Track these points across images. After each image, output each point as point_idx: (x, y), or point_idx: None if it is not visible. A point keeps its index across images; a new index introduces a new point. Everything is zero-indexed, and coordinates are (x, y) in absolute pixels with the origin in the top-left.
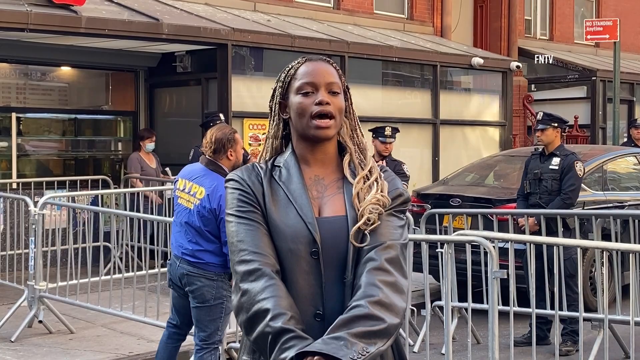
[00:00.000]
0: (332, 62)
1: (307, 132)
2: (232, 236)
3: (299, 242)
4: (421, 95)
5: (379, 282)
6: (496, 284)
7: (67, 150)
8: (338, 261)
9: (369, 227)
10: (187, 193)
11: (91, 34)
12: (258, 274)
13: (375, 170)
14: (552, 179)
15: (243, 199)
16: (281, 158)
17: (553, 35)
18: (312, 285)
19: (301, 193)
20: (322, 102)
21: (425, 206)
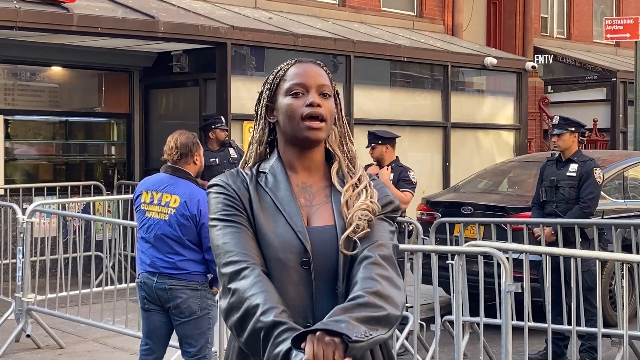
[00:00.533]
0: (322, 64)
1: (297, 134)
2: (216, 240)
3: (289, 251)
4: (431, 97)
5: (376, 275)
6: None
7: (58, 154)
8: (329, 272)
9: (358, 234)
10: (157, 205)
11: (83, 33)
12: (246, 272)
13: (364, 178)
14: (569, 186)
15: (228, 203)
16: (266, 164)
17: (571, 34)
18: (302, 297)
19: (289, 201)
20: (314, 103)
21: (435, 215)
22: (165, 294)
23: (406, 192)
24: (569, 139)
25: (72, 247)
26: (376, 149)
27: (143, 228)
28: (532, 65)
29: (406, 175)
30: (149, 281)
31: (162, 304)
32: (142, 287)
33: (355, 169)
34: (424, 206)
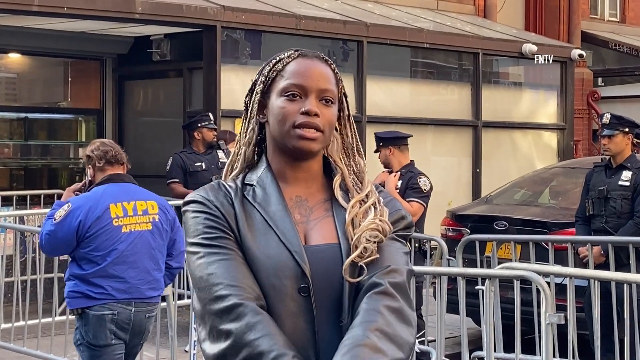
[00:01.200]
0: (330, 62)
1: (287, 142)
2: (199, 270)
3: (284, 275)
4: (459, 91)
5: (382, 308)
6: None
7: (15, 157)
8: (332, 299)
9: (365, 259)
10: (134, 216)
11: (46, 13)
12: (239, 310)
13: (373, 194)
14: (621, 197)
15: (211, 224)
16: (253, 175)
17: (625, 17)
18: (302, 330)
19: (283, 216)
20: (310, 111)
21: (463, 231)
22: (143, 324)
23: (413, 202)
24: (621, 142)
25: (31, 268)
26: (380, 152)
27: (116, 249)
28: (580, 54)
29: (415, 183)
30: (124, 311)
31: (132, 335)
32: (114, 320)
33: (362, 183)
34: (450, 220)
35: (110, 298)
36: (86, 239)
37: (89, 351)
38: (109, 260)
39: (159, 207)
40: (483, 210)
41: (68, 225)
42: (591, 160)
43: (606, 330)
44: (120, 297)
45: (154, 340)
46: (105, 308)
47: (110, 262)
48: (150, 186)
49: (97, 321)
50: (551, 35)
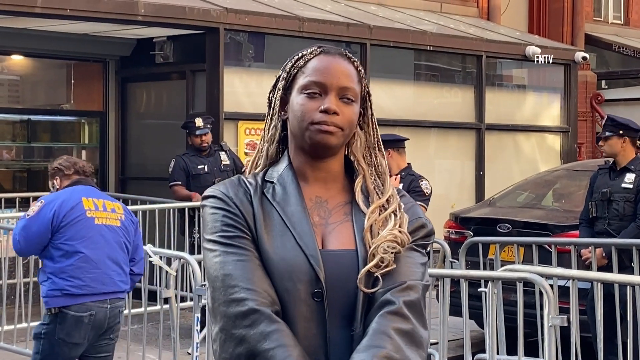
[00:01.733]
0: (353, 59)
1: (305, 138)
2: (215, 269)
3: (298, 279)
4: (462, 94)
5: (392, 331)
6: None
7: (18, 159)
8: (345, 306)
9: (382, 269)
10: (103, 211)
11: (49, 15)
12: (254, 317)
13: (394, 200)
14: (624, 200)
15: (229, 222)
16: (273, 172)
17: (629, 19)
18: (314, 336)
19: (301, 218)
20: (329, 110)
21: (466, 233)
22: (116, 319)
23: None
24: (615, 144)
25: (34, 270)
26: None
27: (91, 239)
28: (583, 56)
29: (417, 186)
30: (100, 311)
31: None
32: (90, 321)
33: (384, 186)
34: (453, 223)
35: (88, 292)
36: (61, 229)
37: (53, 345)
38: (84, 250)
39: (124, 209)
40: (486, 213)
41: (42, 217)
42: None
43: (609, 332)
44: (98, 288)
45: (157, 343)
46: (83, 309)
47: (85, 252)
48: (152, 188)
49: (75, 322)
50: (555, 38)
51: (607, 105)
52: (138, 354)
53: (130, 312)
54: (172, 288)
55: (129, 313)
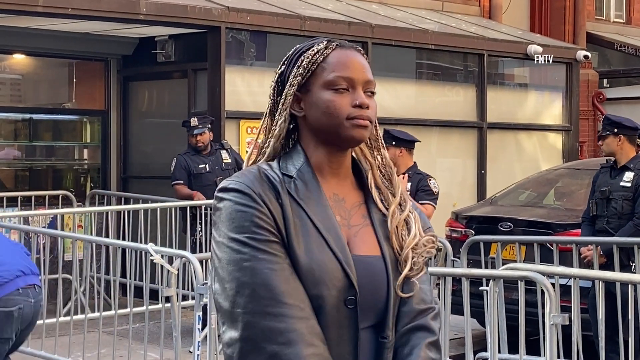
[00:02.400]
0: (363, 52)
1: (340, 134)
2: (244, 274)
3: (333, 285)
4: (464, 92)
5: None
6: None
7: (20, 158)
8: (375, 313)
9: (415, 273)
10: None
11: (50, 14)
12: (292, 336)
13: (406, 197)
14: (622, 198)
15: (260, 222)
16: (289, 165)
17: (631, 18)
18: (344, 342)
19: (330, 220)
20: (364, 104)
21: (468, 232)
22: (39, 312)
23: (426, 204)
24: (612, 143)
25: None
26: (389, 150)
27: None
28: (585, 55)
29: (426, 185)
30: (27, 305)
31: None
32: (20, 315)
33: (391, 181)
34: (454, 222)
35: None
36: None
37: None
38: None
39: None
40: (488, 212)
41: None
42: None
43: (610, 331)
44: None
45: (159, 341)
46: (11, 303)
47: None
48: (154, 187)
49: (5, 316)
50: (556, 37)
51: (608, 104)
52: (140, 353)
53: (131, 310)
54: (174, 287)
55: (130, 312)
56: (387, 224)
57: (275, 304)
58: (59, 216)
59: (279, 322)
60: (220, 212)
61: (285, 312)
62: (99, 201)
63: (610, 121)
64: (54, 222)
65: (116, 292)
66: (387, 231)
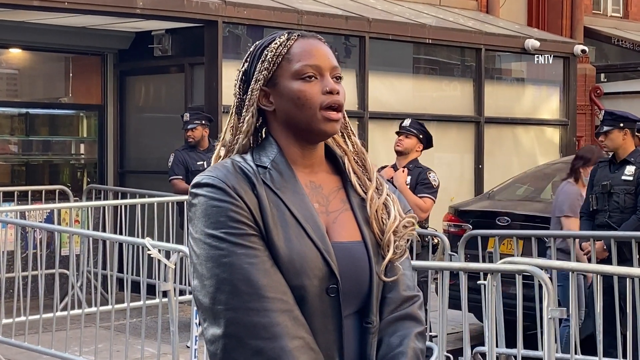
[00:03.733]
0: (324, 40)
1: (312, 126)
2: (224, 270)
3: (313, 275)
4: (461, 87)
5: (420, 354)
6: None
7: (16, 153)
8: (358, 300)
9: (397, 256)
10: None
11: (47, 8)
12: (276, 330)
13: (382, 181)
14: (624, 192)
15: (236, 216)
16: (262, 156)
17: (628, 13)
18: (329, 330)
19: (307, 207)
20: (334, 90)
21: (465, 226)
22: None
23: (425, 198)
24: (617, 137)
25: (32, 264)
26: (410, 139)
27: None
28: (582, 49)
29: (425, 178)
30: None
31: None
32: None
33: (366, 167)
34: (452, 216)
35: None
36: None
37: None
38: None
39: None
40: (485, 206)
41: None
42: None
43: (608, 325)
44: None
45: (156, 336)
46: None
47: None
48: (151, 182)
49: None
50: (554, 31)
51: (606, 99)
52: (137, 348)
53: (128, 305)
54: (171, 281)
55: (127, 306)
56: (366, 209)
57: (256, 299)
58: (56, 211)
59: (262, 317)
60: (196, 208)
61: (267, 306)
62: (95, 196)
63: (615, 115)
64: (50, 217)
65: (113, 287)
66: (367, 215)
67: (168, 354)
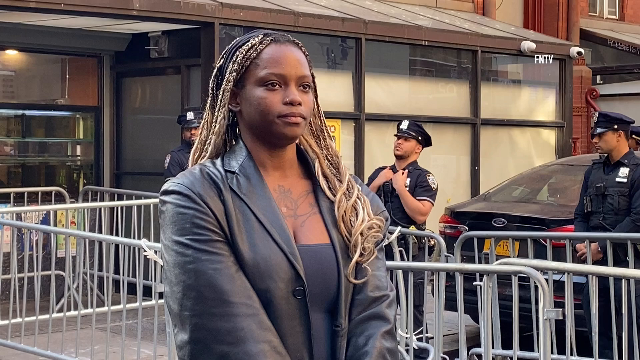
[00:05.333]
0: (301, 44)
1: (272, 131)
2: (189, 276)
3: (279, 278)
4: (457, 89)
5: (387, 354)
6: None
7: (13, 154)
8: (326, 301)
9: (366, 258)
10: None
11: (43, 10)
12: (239, 334)
13: (353, 184)
14: (619, 194)
15: (200, 222)
16: (232, 161)
17: (624, 15)
18: (297, 333)
19: (274, 213)
20: (294, 101)
21: (461, 228)
22: None
23: (424, 201)
24: (611, 139)
25: (28, 265)
26: (409, 142)
27: None
28: (578, 51)
29: (424, 181)
30: None
31: None
32: None
33: (339, 170)
34: (448, 218)
35: None
36: None
37: None
38: None
39: None
40: (481, 208)
41: None
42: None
43: (604, 327)
44: None
45: (152, 338)
46: None
47: None
48: (147, 183)
49: None
50: (550, 33)
51: (602, 101)
52: (133, 349)
53: (125, 307)
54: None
55: (123, 308)
56: (334, 212)
57: (220, 304)
58: (52, 212)
59: (225, 322)
60: (164, 215)
61: (231, 311)
62: (92, 197)
63: (610, 117)
64: (46, 219)
65: (109, 288)
66: (335, 220)
67: (164, 355)
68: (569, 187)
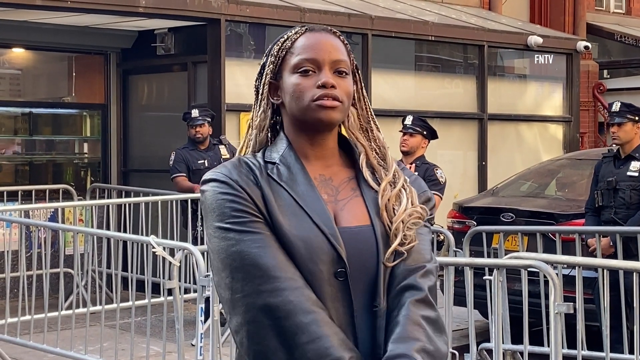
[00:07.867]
0: (338, 33)
1: (307, 117)
2: (234, 259)
3: (320, 260)
4: (464, 84)
5: (423, 321)
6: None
7: (20, 152)
8: (367, 283)
9: (406, 246)
10: None
11: (49, 7)
12: (289, 308)
13: (400, 174)
14: (630, 188)
15: (239, 207)
16: (273, 152)
17: (631, 9)
18: (342, 315)
19: (313, 196)
20: (327, 84)
21: (470, 223)
22: None
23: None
24: (631, 130)
25: (37, 263)
26: (415, 137)
27: None
28: (585, 46)
29: (432, 174)
30: None
31: None
32: None
33: (385, 161)
34: (457, 213)
35: None
36: None
37: None
38: None
39: None
40: (489, 203)
41: None
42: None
43: (615, 321)
44: None
45: (161, 334)
46: None
47: None
48: (154, 181)
49: None
50: (556, 27)
51: (609, 95)
52: (142, 346)
53: (133, 303)
54: (176, 279)
55: (132, 305)
56: (378, 200)
57: (267, 280)
58: (60, 210)
59: (274, 297)
60: (204, 204)
61: (278, 285)
62: (99, 195)
63: (633, 108)
64: (54, 216)
65: (118, 285)
66: (378, 208)
67: (173, 352)
68: (577, 182)
